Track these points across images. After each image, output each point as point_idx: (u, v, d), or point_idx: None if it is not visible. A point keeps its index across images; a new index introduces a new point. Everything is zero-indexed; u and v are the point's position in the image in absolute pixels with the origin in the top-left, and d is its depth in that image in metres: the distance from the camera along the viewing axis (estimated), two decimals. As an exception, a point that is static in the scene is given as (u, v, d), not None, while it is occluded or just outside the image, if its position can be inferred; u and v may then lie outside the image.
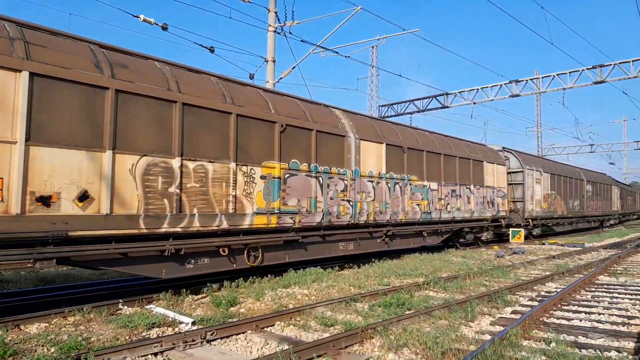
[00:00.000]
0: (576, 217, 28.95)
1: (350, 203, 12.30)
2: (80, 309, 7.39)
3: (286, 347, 5.67)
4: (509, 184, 21.44)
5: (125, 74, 7.88)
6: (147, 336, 6.38)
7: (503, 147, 22.56)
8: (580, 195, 29.91)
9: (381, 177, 13.40)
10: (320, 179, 11.46)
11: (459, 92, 28.36)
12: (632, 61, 23.19)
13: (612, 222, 39.12)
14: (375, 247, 13.37)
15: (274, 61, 16.61)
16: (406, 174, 14.43)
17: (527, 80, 26.22)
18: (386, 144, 13.63)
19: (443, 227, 16.36)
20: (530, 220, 22.24)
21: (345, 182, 12.18)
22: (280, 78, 17.08)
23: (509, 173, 21.58)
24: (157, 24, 13.23)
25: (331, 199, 11.71)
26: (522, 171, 22.18)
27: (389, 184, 13.63)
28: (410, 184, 14.55)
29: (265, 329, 6.76)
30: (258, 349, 5.87)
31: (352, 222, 12.33)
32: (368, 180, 12.94)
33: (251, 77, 16.52)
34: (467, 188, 17.68)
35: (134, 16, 12.87)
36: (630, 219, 52.25)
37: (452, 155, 17.08)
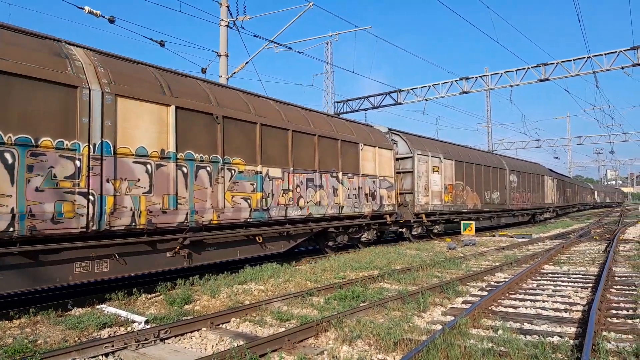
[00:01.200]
0: (496, 210, 26.18)
1: (90, 197, 7.72)
2: (26, 310, 7.13)
3: (241, 342, 5.66)
4: (398, 173, 18.17)
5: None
6: (98, 336, 6.23)
7: (389, 129, 18.78)
8: (501, 187, 26.77)
9: (166, 158, 9.00)
10: (14, 156, 6.88)
11: (412, 89, 28.93)
12: (574, 60, 24.30)
13: (546, 215, 36.32)
14: (160, 264, 9.01)
15: (226, 56, 16.43)
16: (221, 154, 10.21)
17: (476, 77, 27.03)
18: (176, 107, 9.27)
19: (293, 229, 12.30)
20: (423, 216, 18.72)
21: (78, 162, 7.61)
22: (234, 73, 16.92)
23: (397, 159, 18.23)
24: (103, 17, 12.82)
25: (39, 191, 7.12)
26: (411, 157, 18.40)
27: (183, 169, 9.36)
28: (230, 170, 10.43)
29: (220, 325, 6.73)
30: (213, 346, 5.84)
31: (95, 228, 7.79)
32: (135, 162, 8.51)
33: (203, 71, 16.29)
34: (333, 176, 13.89)
35: (79, 7, 12.42)
36: (570, 211, 50.15)
37: (309, 133, 12.91)
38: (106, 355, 5.45)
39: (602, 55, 23.61)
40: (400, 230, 18.42)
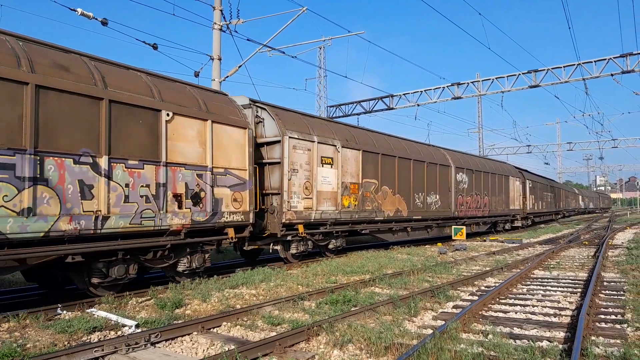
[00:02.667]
0: (435, 218, 20.05)
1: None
2: (15, 314, 7.07)
3: (232, 347, 5.66)
4: (264, 164, 12.77)
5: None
6: (88, 341, 6.19)
7: (253, 100, 12.95)
8: (443, 188, 20.76)
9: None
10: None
11: (404, 94, 29.09)
12: (564, 67, 24.56)
13: (516, 224, 30.62)
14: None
15: (219, 59, 16.43)
16: None
17: (468, 83, 27.24)
18: None
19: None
20: (300, 228, 12.93)
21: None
22: (227, 76, 16.92)
23: (264, 145, 12.87)
24: (96, 19, 12.77)
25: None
26: (279, 141, 12.53)
27: None
28: None
29: (211, 330, 6.71)
30: (204, 350, 5.83)
31: None
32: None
33: (196, 75, 16.29)
34: (82, 163, 7.95)
35: (71, 9, 12.37)
36: (554, 219, 44.73)
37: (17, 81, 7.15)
38: (96, 359, 5.42)
39: (591, 62, 23.89)
40: (274, 247, 13.04)
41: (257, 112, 12.91)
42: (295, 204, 12.74)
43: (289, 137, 12.62)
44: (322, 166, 13.80)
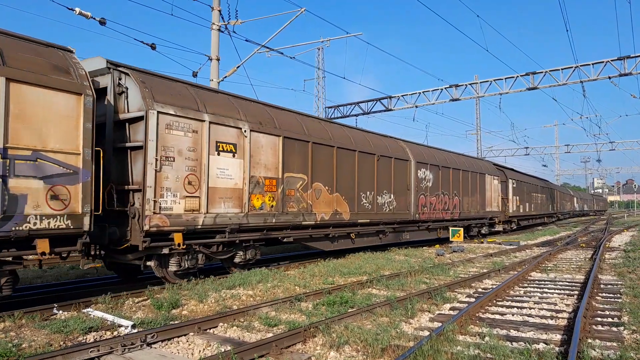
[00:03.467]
0: (387, 222, 16.81)
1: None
2: (10, 314, 7.05)
3: (228, 348, 5.64)
4: (125, 149, 9.64)
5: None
6: (84, 341, 6.17)
7: (111, 63, 9.59)
8: (400, 187, 17.55)
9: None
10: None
11: (402, 96, 29.11)
12: (562, 69, 24.61)
13: (497, 228, 27.32)
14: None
15: (218, 59, 16.42)
16: None
17: (466, 85, 27.28)
18: None
19: None
20: (177, 238, 9.59)
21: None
22: (225, 77, 16.92)
23: (124, 122, 9.66)
24: (94, 18, 12.75)
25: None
26: (144, 116, 9.28)
27: None
28: None
29: (207, 330, 6.69)
30: (200, 351, 5.81)
31: None
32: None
33: (194, 75, 16.28)
34: None
35: (69, 9, 12.35)
36: (546, 222, 40.75)
37: None
38: (92, 359, 5.40)
39: (589, 65, 23.94)
40: (148, 263, 9.66)
41: (119, 78, 9.64)
42: (169, 204, 9.43)
43: (159, 112, 9.29)
44: (219, 154, 10.44)
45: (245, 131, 11.17)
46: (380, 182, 16.36)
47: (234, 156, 10.87)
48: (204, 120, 10.18)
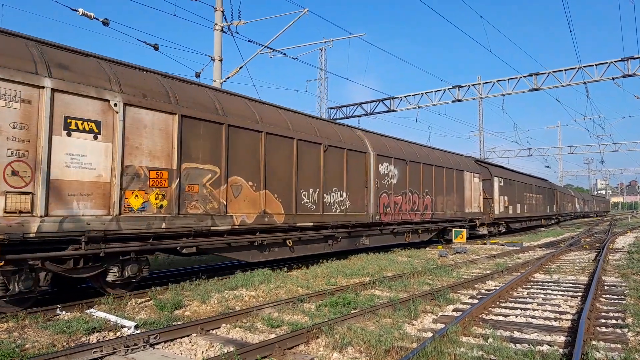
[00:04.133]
0: (339, 225, 13.89)
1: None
2: (14, 314, 7.05)
3: (231, 349, 5.64)
4: None
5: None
6: (87, 341, 6.17)
7: None
8: (356, 184, 14.78)
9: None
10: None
11: (405, 97, 29.09)
12: (565, 70, 24.57)
13: (481, 231, 25.19)
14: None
15: (220, 60, 16.44)
16: None
17: (469, 85, 27.24)
18: None
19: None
20: None
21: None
22: (228, 77, 16.92)
23: None
24: (97, 19, 12.78)
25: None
26: None
27: None
28: None
29: (210, 331, 6.69)
30: (203, 352, 5.80)
31: None
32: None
33: (197, 75, 16.29)
34: None
35: (72, 9, 12.38)
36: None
37: None
38: (95, 360, 5.40)
39: (593, 65, 23.88)
40: None
41: None
42: None
43: None
44: (69, 135, 7.72)
45: (116, 105, 8.29)
46: (329, 177, 13.48)
47: (96, 138, 8.03)
48: (44, 87, 7.41)
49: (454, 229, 20.59)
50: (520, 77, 25.69)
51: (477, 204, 23.90)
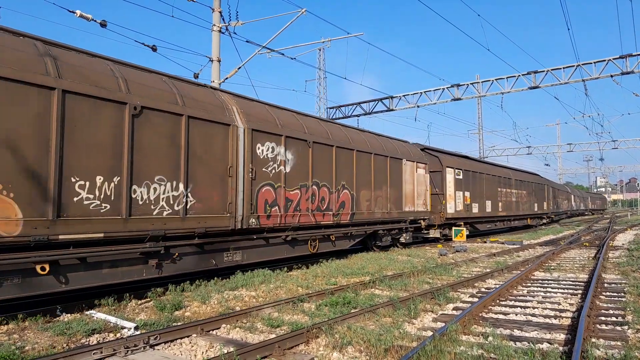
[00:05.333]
0: (183, 235, 9.27)
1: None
2: (13, 316, 7.05)
3: (231, 349, 5.64)
4: None
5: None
6: (87, 343, 6.17)
7: None
8: (214, 172, 10.03)
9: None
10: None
11: (404, 96, 29.10)
12: (563, 68, 24.58)
13: (432, 234, 21.06)
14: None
15: (219, 61, 16.43)
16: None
17: (468, 84, 27.24)
18: None
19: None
20: None
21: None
22: (226, 78, 16.92)
23: None
24: (95, 21, 12.76)
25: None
26: None
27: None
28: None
29: (210, 332, 6.69)
30: (203, 352, 5.81)
31: None
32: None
33: (196, 76, 16.27)
34: None
35: (70, 11, 12.37)
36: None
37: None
38: (95, 361, 5.39)
39: (591, 63, 23.88)
40: None
41: None
42: None
43: None
44: None
45: None
46: (145, 158, 8.61)
47: None
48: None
49: (454, 228, 20.53)
50: (519, 76, 25.70)
51: (423, 200, 19.04)
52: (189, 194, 9.46)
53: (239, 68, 17.10)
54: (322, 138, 13.51)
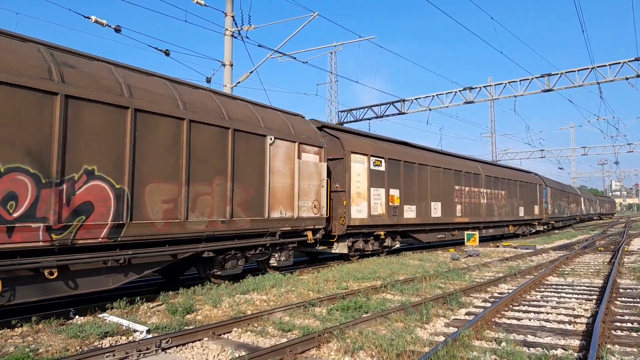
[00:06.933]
0: None
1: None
2: (28, 319, 7.12)
3: (242, 353, 5.64)
4: None
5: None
6: (100, 346, 6.21)
7: None
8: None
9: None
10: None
11: (415, 99, 29.01)
12: (578, 70, 24.32)
13: (336, 249, 14.88)
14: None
15: (231, 65, 16.52)
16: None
17: (480, 87, 27.07)
18: None
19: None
20: None
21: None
22: (238, 82, 17.01)
23: None
24: (109, 26, 12.93)
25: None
26: None
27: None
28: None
29: (222, 335, 6.70)
30: (214, 356, 5.81)
31: None
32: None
33: (208, 80, 16.39)
34: None
35: (85, 17, 12.55)
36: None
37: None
38: (107, 364, 5.43)
39: (606, 66, 23.62)
40: None
41: None
42: None
43: None
44: None
45: None
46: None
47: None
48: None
49: (466, 232, 20.21)
50: (532, 78, 25.49)
51: (314, 201, 13.06)
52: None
53: (251, 72, 17.19)
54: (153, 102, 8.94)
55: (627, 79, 23.25)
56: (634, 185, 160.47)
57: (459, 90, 27.58)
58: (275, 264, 12.00)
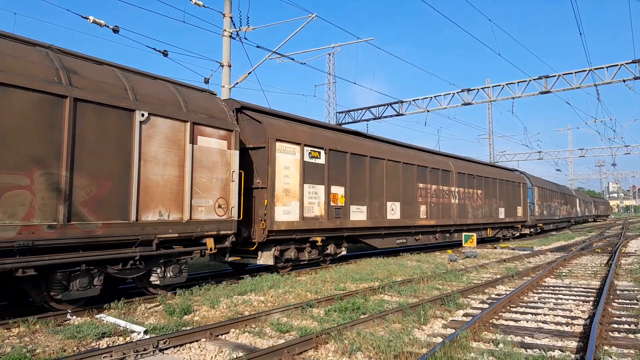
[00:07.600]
0: None
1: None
2: (25, 319, 7.11)
3: (240, 354, 5.64)
4: None
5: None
6: (97, 346, 6.20)
7: None
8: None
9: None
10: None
11: (413, 100, 29.07)
12: (575, 73, 24.40)
13: (261, 261, 12.04)
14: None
15: (229, 66, 16.51)
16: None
17: (478, 89, 27.15)
18: None
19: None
20: None
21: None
22: (236, 83, 17.00)
23: None
24: (107, 26, 12.91)
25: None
26: None
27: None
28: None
29: (219, 336, 6.70)
30: (212, 357, 5.81)
31: None
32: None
33: (206, 81, 16.38)
34: None
35: (83, 17, 12.52)
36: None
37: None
38: (104, 365, 5.41)
39: (603, 68, 23.70)
40: None
41: None
42: None
43: None
44: None
45: None
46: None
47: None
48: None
49: (464, 234, 20.16)
50: (530, 80, 25.56)
51: (218, 199, 10.27)
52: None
53: (249, 73, 17.18)
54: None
55: (624, 81, 23.33)
56: (631, 187, 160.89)
57: (457, 92, 27.65)
58: (158, 282, 9.21)
